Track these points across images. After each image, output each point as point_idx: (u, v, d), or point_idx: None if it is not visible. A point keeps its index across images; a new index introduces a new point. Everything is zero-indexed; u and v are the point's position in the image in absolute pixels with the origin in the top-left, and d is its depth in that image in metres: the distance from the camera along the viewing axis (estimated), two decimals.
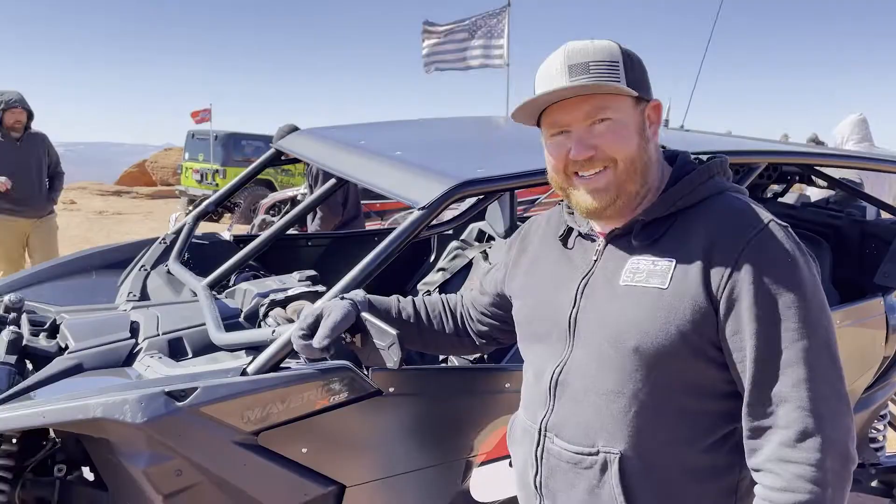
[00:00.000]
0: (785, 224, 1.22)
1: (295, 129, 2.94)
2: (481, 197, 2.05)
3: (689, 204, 1.26)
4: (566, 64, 1.22)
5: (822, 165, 3.06)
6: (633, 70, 1.24)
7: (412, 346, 1.66)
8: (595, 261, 1.32)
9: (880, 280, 2.76)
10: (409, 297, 1.66)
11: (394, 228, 1.96)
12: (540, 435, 1.33)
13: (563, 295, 1.33)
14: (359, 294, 1.58)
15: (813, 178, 3.38)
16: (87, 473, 1.91)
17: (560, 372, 1.30)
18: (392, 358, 1.43)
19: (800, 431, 1.11)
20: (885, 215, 3.27)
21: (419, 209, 1.85)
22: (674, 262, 1.21)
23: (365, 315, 1.48)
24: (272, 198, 10.79)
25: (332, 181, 2.43)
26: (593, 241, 1.34)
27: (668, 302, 1.19)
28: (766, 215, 1.22)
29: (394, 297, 1.64)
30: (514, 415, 1.49)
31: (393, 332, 1.42)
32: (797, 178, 3.51)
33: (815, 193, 4.58)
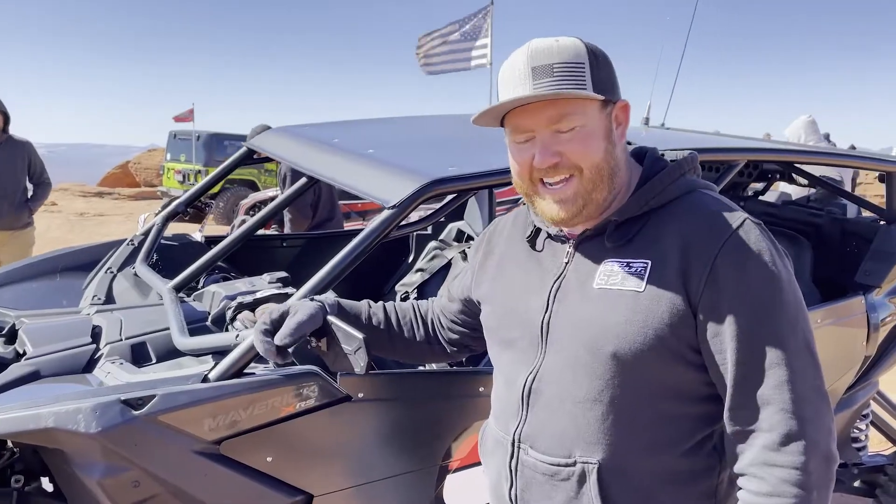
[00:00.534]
0: (758, 221, 1.19)
1: (267, 129, 2.88)
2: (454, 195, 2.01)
3: (661, 203, 1.23)
4: (529, 66, 1.16)
5: (802, 163, 3.04)
6: (599, 70, 1.18)
7: (383, 353, 1.61)
8: (566, 263, 1.27)
9: (861, 278, 2.74)
10: (381, 303, 1.61)
11: None
12: (513, 447, 1.28)
13: (533, 299, 1.28)
14: (329, 297, 1.53)
15: (794, 175, 3.37)
16: (46, 484, 1.84)
17: (532, 380, 1.25)
18: (358, 363, 1.38)
19: (784, 434, 1.09)
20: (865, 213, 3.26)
21: (389, 208, 1.80)
22: (649, 264, 1.17)
23: (331, 318, 1.43)
24: (252, 198, 10.70)
25: (301, 182, 2.36)
26: (563, 242, 1.29)
27: (644, 305, 1.15)
28: (739, 214, 1.19)
29: (364, 302, 1.59)
30: (485, 424, 1.44)
31: (359, 336, 1.37)
32: (778, 175, 3.50)
33: (794, 191, 4.58)
